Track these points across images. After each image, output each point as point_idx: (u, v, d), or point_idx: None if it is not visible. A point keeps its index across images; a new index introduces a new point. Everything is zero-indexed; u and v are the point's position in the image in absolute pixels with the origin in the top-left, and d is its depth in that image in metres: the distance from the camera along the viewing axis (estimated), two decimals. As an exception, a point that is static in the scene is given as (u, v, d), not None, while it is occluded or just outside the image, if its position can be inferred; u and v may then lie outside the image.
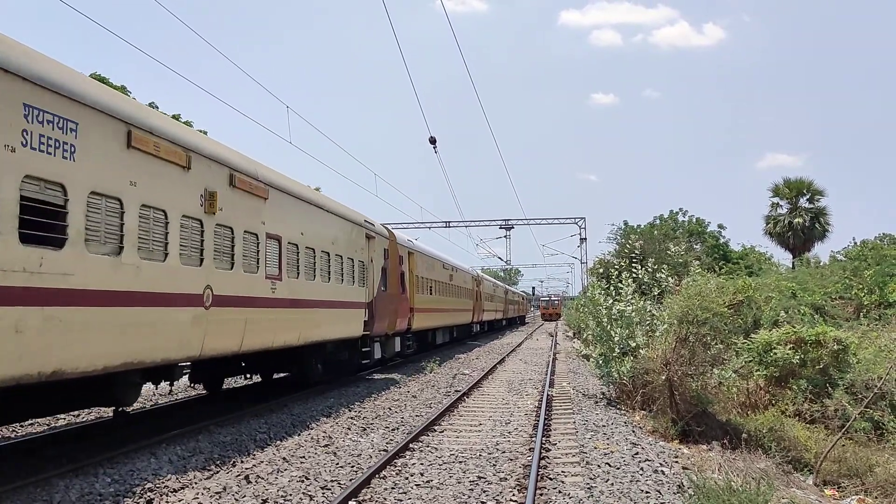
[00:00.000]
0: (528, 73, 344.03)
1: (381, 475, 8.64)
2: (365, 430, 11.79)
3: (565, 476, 8.74)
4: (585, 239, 57.75)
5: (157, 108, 34.83)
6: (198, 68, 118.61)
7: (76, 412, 12.87)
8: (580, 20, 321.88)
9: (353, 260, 17.44)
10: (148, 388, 13.42)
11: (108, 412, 12.40)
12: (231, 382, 17.51)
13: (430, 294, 28.52)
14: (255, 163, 12.58)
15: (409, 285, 24.23)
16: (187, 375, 13.90)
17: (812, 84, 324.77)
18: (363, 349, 18.56)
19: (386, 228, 22.43)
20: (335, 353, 17.24)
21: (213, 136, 17.03)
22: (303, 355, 15.11)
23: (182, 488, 8.07)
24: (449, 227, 57.48)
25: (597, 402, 15.05)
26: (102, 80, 29.61)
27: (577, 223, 58.30)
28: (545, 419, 12.44)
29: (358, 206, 20.65)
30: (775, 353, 14.57)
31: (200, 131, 21.80)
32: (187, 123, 31.72)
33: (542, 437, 10.95)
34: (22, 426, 11.37)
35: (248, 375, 16.40)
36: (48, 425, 11.82)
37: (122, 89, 32.14)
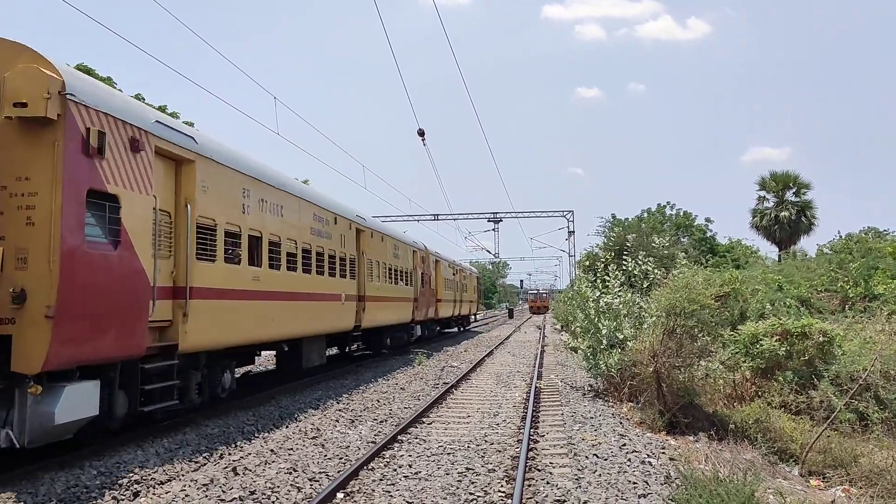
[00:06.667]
0: (513, 67, 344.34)
1: (370, 467, 8.64)
2: (353, 422, 11.78)
3: (553, 467, 8.76)
4: (573, 232, 57.63)
5: (143, 100, 34.49)
6: (184, 58, 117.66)
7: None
8: (563, 14, 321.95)
9: (407, 271, 26.29)
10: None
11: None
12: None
13: (449, 291, 36.96)
14: (376, 221, 23.11)
15: (437, 284, 32.88)
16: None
17: (796, 77, 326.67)
18: (410, 331, 28.02)
19: (422, 244, 30.85)
20: (395, 333, 25.42)
21: (200, 127, 17.46)
22: (380, 334, 23.31)
23: (169, 480, 8.04)
24: (437, 219, 57.31)
25: (584, 395, 15.11)
26: (88, 72, 29.29)
27: (565, 216, 58.17)
28: (533, 411, 12.48)
29: (346, 198, 21.38)
30: (762, 345, 14.64)
31: (186, 122, 21.68)
32: (173, 115, 31.46)
33: (531, 428, 10.98)
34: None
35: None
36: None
37: (109, 81, 31.81)
